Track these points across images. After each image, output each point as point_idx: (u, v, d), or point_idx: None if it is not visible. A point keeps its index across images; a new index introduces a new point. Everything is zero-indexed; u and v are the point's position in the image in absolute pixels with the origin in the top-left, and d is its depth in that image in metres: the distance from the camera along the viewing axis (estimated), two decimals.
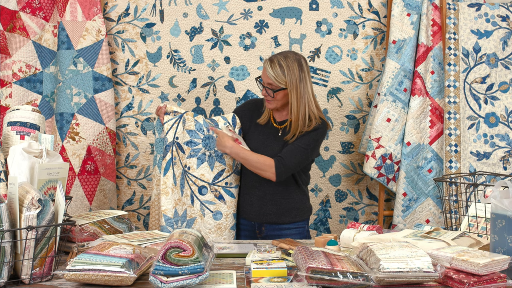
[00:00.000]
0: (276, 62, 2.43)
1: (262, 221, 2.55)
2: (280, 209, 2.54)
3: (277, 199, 2.53)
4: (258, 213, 2.55)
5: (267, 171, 2.43)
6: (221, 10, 3.14)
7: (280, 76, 2.42)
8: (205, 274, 1.61)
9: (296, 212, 2.57)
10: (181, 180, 2.51)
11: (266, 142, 2.55)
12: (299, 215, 2.58)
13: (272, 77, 2.42)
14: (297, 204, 2.57)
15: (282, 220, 2.55)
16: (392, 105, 3.01)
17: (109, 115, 3.03)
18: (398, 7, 3.03)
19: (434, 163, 3.06)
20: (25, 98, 3.01)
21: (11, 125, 2.09)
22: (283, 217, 2.55)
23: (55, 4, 3.01)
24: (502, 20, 3.06)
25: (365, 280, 1.60)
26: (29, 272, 1.67)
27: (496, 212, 1.79)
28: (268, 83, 2.46)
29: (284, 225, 2.55)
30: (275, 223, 2.54)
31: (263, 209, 2.54)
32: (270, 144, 2.53)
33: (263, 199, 2.53)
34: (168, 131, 2.49)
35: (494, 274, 1.65)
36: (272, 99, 2.47)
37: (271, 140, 2.55)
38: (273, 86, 2.45)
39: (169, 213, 2.44)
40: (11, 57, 2.97)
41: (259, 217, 2.56)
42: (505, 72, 3.06)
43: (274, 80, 2.43)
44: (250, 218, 2.58)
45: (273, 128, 2.58)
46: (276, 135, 2.56)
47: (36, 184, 1.91)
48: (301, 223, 2.60)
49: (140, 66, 3.13)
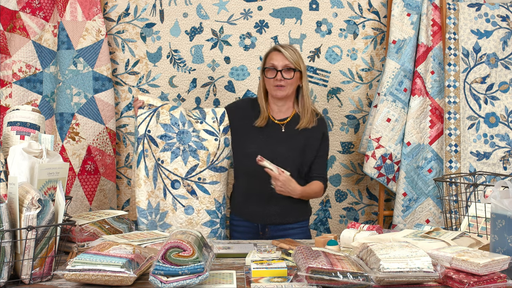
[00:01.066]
0: (289, 47, 2.53)
1: (266, 222, 2.54)
2: (284, 209, 2.53)
3: (280, 200, 2.51)
4: (262, 214, 2.54)
5: (320, 195, 2.61)
6: (221, 10, 3.14)
7: (296, 58, 2.51)
8: (205, 274, 1.61)
9: (299, 211, 2.58)
10: (154, 173, 2.51)
11: (268, 141, 2.54)
12: (302, 214, 2.60)
13: (290, 58, 2.49)
14: (300, 203, 2.57)
15: (287, 220, 2.55)
16: (392, 105, 3.01)
17: (109, 115, 3.03)
18: (398, 7, 3.03)
19: (434, 163, 3.07)
20: (25, 98, 3.01)
21: (11, 125, 2.09)
22: (287, 217, 2.54)
23: (55, 4, 3.01)
24: (502, 20, 3.06)
25: (365, 280, 1.60)
26: (29, 272, 1.67)
27: (496, 212, 1.79)
28: (285, 65, 2.48)
29: (288, 225, 2.55)
30: (280, 223, 2.54)
31: (266, 211, 2.53)
32: (272, 143, 2.53)
33: (265, 201, 2.52)
34: (140, 124, 2.52)
35: (494, 274, 1.65)
36: (286, 83, 2.49)
37: (273, 139, 2.55)
38: (291, 69, 2.48)
39: (142, 204, 2.45)
40: (11, 57, 2.97)
41: (262, 219, 2.54)
42: (505, 72, 3.06)
43: (292, 61, 2.48)
44: (253, 220, 2.57)
45: (274, 126, 2.57)
46: (279, 132, 2.55)
47: (36, 184, 1.91)
48: (304, 223, 2.61)
49: (140, 66, 3.13)
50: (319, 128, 2.60)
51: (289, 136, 2.54)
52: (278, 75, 2.49)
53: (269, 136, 2.56)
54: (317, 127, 2.59)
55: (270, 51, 2.56)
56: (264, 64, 2.57)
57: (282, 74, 2.48)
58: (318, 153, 2.59)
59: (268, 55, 2.55)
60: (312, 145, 2.57)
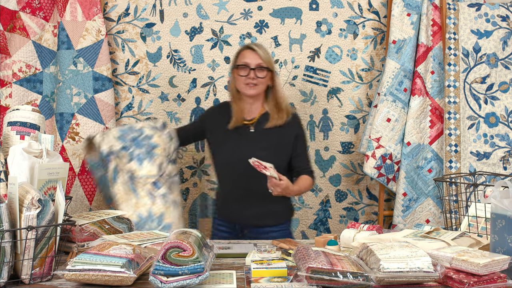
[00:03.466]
0: (262, 47, 2.55)
1: (245, 223, 2.52)
2: (263, 212, 2.49)
3: (260, 202, 2.48)
4: (240, 215, 2.51)
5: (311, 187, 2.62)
6: (221, 10, 3.14)
7: (269, 58, 2.53)
8: (205, 274, 1.61)
9: (279, 214, 2.55)
10: (131, 185, 2.48)
11: (239, 143, 2.52)
12: (282, 217, 2.57)
13: (264, 57, 2.50)
14: (280, 206, 2.53)
15: (265, 223, 2.51)
16: (392, 105, 3.01)
17: (109, 115, 3.03)
18: (398, 7, 3.03)
19: (434, 163, 3.07)
20: (25, 98, 3.01)
21: (11, 125, 2.09)
22: (266, 219, 2.51)
23: (55, 4, 3.01)
24: (502, 20, 3.06)
25: (365, 280, 1.60)
26: (29, 272, 1.67)
27: (496, 212, 1.79)
28: (258, 64, 2.48)
29: (267, 228, 2.51)
30: (258, 226, 2.50)
31: (244, 213, 2.50)
32: (243, 145, 2.51)
33: (244, 203, 2.50)
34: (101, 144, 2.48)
35: (494, 274, 1.65)
36: (258, 82, 2.49)
37: (243, 140, 2.52)
38: (263, 68, 2.49)
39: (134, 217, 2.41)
40: (11, 57, 2.97)
41: (240, 220, 2.53)
42: (505, 72, 3.06)
43: (265, 60, 2.50)
44: (232, 221, 2.55)
45: (243, 127, 2.55)
46: (248, 133, 2.53)
47: (36, 184, 1.90)
48: (284, 225, 2.58)
49: (140, 66, 3.13)
50: (292, 128, 2.56)
51: (259, 136, 2.52)
52: (251, 73, 2.48)
53: (239, 138, 2.52)
54: (289, 127, 2.55)
55: (242, 49, 2.55)
56: (235, 62, 2.55)
57: (255, 72, 2.48)
58: (295, 152, 2.55)
59: (241, 53, 2.54)
60: (286, 145, 2.54)
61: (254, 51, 2.50)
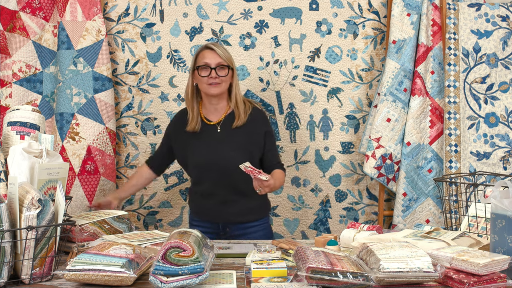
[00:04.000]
0: (220, 46, 2.56)
1: (226, 221, 2.54)
2: (242, 209, 2.53)
3: (238, 200, 2.51)
4: (220, 214, 2.53)
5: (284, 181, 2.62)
6: (221, 10, 3.14)
7: (229, 56, 2.54)
8: (205, 274, 1.61)
9: (258, 209, 2.60)
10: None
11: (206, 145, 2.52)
12: (262, 211, 2.62)
13: (223, 55, 2.50)
14: (258, 201, 2.57)
15: (247, 218, 2.55)
16: (392, 105, 3.01)
17: (109, 115, 3.03)
18: (398, 7, 3.03)
19: (434, 163, 3.06)
20: (25, 98, 3.01)
21: (11, 125, 2.09)
22: (247, 215, 2.55)
23: (55, 4, 3.01)
24: (502, 20, 3.06)
25: (365, 280, 1.60)
26: (29, 272, 1.67)
27: (496, 212, 1.79)
28: (218, 63, 2.49)
29: (249, 224, 2.55)
30: (240, 222, 2.54)
31: (225, 211, 2.52)
32: (212, 145, 2.51)
33: (223, 203, 2.52)
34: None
35: (494, 274, 1.65)
36: (221, 80, 2.49)
37: (211, 141, 2.52)
38: (224, 66, 2.49)
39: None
40: (11, 57, 2.97)
41: (222, 218, 2.54)
42: (505, 72, 3.06)
43: (225, 59, 2.50)
44: (214, 220, 2.56)
45: (209, 128, 2.55)
46: (215, 133, 2.54)
47: (36, 184, 1.90)
48: (264, 219, 2.62)
49: (140, 66, 3.13)
50: (259, 124, 2.58)
51: (227, 135, 2.52)
52: (212, 73, 2.47)
53: (205, 139, 2.53)
54: (257, 124, 2.57)
55: (201, 50, 2.54)
56: (195, 63, 2.53)
57: (216, 71, 2.48)
58: (266, 148, 2.58)
59: (200, 54, 2.53)
60: (257, 142, 2.56)
61: (213, 50, 2.50)
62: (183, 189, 3.17)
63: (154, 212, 3.18)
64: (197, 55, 2.54)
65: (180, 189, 3.18)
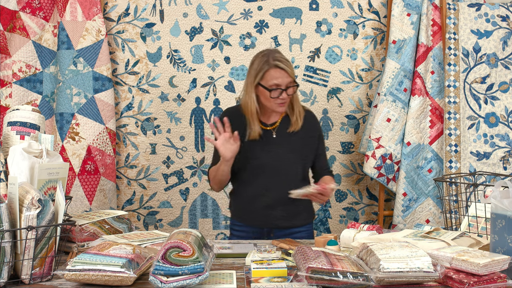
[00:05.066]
0: (285, 60, 2.38)
1: (272, 226, 2.48)
2: (289, 213, 2.47)
3: (286, 204, 2.44)
4: (267, 219, 2.47)
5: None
6: (221, 10, 3.14)
7: (293, 70, 2.40)
8: (205, 274, 1.61)
9: (305, 214, 2.53)
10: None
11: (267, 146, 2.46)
12: (307, 217, 2.55)
13: (291, 73, 2.37)
14: (305, 206, 2.51)
15: (293, 223, 2.49)
16: (392, 105, 3.01)
17: (109, 115, 3.03)
18: (398, 7, 3.03)
19: (434, 163, 3.06)
20: (25, 98, 3.01)
21: (11, 125, 2.09)
22: (293, 220, 2.49)
23: (55, 4, 3.01)
24: (502, 20, 3.06)
25: (365, 280, 1.60)
26: (29, 272, 1.67)
27: (496, 212, 1.79)
28: (289, 83, 2.36)
29: (295, 229, 2.49)
30: (286, 227, 2.48)
31: (272, 215, 2.46)
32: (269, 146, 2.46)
33: (271, 206, 2.46)
34: None
35: (494, 274, 1.65)
36: (288, 98, 2.39)
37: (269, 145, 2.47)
38: (294, 84, 2.39)
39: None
40: (11, 57, 2.97)
41: (267, 223, 2.48)
42: (505, 72, 3.06)
43: (292, 75, 2.38)
44: (259, 225, 2.50)
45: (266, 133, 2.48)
46: (271, 138, 2.48)
47: (36, 184, 1.90)
48: (309, 226, 2.56)
49: (140, 66, 3.13)
50: (313, 128, 2.53)
51: (283, 139, 2.48)
52: (283, 94, 2.35)
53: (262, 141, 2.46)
54: (311, 127, 2.52)
55: (269, 68, 2.34)
56: (261, 79, 2.35)
57: (286, 92, 2.36)
58: (318, 152, 2.54)
59: (268, 73, 2.34)
60: (311, 145, 2.52)
61: (283, 70, 2.34)
62: (183, 189, 3.17)
63: (154, 212, 3.18)
64: (264, 73, 2.35)
65: (180, 189, 3.18)
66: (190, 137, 3.16)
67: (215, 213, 3.20)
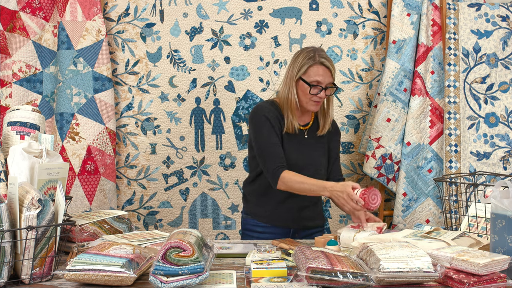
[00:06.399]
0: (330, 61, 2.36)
1: (299, 227, 2.51)
2: (313, 213, 2.54)
3: (311, 204, 2.52)
4: (298, 219, 2.50)
5: None
6: (221, 10, 3.14)
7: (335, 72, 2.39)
8: (205, 274, 1.61)
9: (322, 215, 2.62)
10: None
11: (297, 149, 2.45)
12: (323, 217, 2.64)
13: (334, 73, 2.36)
14: (321, 207, 2.62)
15: (317, 223, 2.56)
16: (392, 105, 3.01)
17: (109, 115, 3.03)
18: (398, 7, 3.03)
19: (434, 163, 3.06)
20: (25, 98, 3.01)
21: (11, 125, 2.09)
22: (316, 220, 2.56)
23: (55, 4, 3.01)
24: (502, 20, 3.06)
25: (365, 280, 1.60)
26: (29, 272, 1.67)
27: (496, 212, 1.79)
28: (330, 82, 2.36)
29: (315, 229, 2.56)
30: (311, 227, 2.54)
31: (302, 216, 2.50)
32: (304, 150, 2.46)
33: (303, 206, 2.49)
34: None
35: (494, 274, 1.65)
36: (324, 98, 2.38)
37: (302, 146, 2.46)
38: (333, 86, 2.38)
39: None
40: (11, 57, 2.97)
41: (297, 223, 2.50)
42: (505, 72, 3.06)
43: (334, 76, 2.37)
44: (287, 226, 2.50)
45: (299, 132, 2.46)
46: (303, 138, 2.47)
47: (36, 184, 1.90)
48: (323, 226, 2.66)
49: (140, 66, 3.13)
50: (335, 132, 2.56)
51: (314, 141, 2.48)
52: (322, 93, 2.34)
53: (298, 143, 2.45)
54: (333, 132, 2.55)
55: (314, 63, 2.33)
56: (304, 74, 2.34)
57: (325, 91, 2.35)
58: (335, 157, 2.57)
59: (311, 68, 2.33)
60: (333, 149, 2.55)
61: (328, 68, 2.34)
62: (183, 189, 3.17)
63: (154, 212, 3.18)
64: (309, 67, 2.34)
65: (180, 189, 3.18)
66: (190, 137, 3.16)
67: (215, 213, 3.20)
